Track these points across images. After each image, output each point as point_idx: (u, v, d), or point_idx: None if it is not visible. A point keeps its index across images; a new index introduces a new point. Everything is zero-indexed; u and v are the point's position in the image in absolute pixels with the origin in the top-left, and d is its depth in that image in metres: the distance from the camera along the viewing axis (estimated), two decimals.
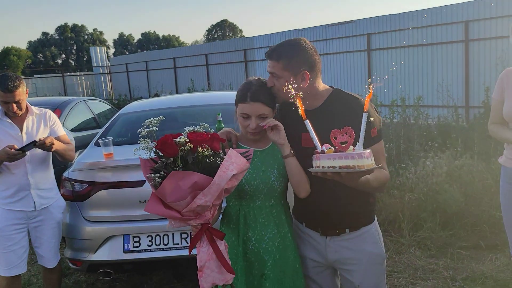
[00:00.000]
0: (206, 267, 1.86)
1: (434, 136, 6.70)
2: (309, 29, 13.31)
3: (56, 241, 3.27)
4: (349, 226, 2.09)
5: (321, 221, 2.11)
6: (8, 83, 2.90)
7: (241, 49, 15.98)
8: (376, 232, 2.16)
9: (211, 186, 1.74)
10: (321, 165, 1.72)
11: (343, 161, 1.65)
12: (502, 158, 2.81)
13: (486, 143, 5.46)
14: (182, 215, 1.81)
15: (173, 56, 19.60)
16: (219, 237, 1.89)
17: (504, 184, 2.80)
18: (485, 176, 4.51)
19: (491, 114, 2.83)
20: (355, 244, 2.10)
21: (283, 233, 2.10)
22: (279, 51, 1.98)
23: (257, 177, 2.05)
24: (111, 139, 3.50)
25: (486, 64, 9.21)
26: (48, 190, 3.21)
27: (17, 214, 3.08)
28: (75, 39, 75.58)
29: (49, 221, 3.19)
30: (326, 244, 2.12)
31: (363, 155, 1.64)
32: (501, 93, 2.72)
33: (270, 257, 2.05)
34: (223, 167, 1.75)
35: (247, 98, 1.99)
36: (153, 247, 3.33)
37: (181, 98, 5.62)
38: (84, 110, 7.19)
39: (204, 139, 1.80)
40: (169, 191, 1.75)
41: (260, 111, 1.98)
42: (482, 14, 9.25)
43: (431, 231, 4.16)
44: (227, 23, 77.69)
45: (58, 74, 24.05)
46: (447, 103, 8.37)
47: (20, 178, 3.05)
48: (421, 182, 4.62)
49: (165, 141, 1.79)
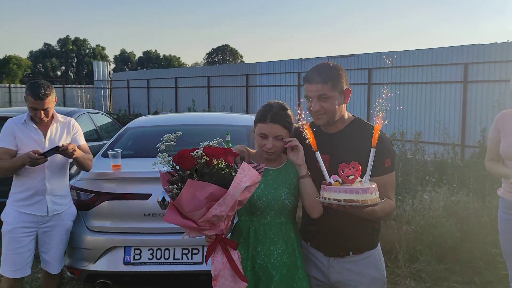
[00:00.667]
0: (220, 275, 1.92)
1: (430, 171, 6.82)
2: (312, 59, 13.59)
3: (63, 248, 3.29)
4: (353, 249, 2.16)
5: (326, 242, 2.18)
6: (39, 90, 2.96)
7: (244, 73, 16.22)
8: (379, 257, 2.23)
9: (226, 197, 1.83)
10: (327, 197, 1.83)
11: (348, 195, 1.77)
12: (500, 190, 3.07)
13: (482, 182, 5.58)
14: (198, 225, 1.88)
15: (175, 76, 19.83)
16: (232, 247, 1.96)
17: (501, 214, 3.04)
18: (480, 213, 4.60)
19: (488, 152, 3.12)
20: (358, 267, 2.16)
21: (291, 250, 2.16)
22: (323, 74, 2.07)
23: (269, 194, 2.13)
24: (120, 151, 3.55)
25: (483, 105, 9.44)
26: (63, 197, 3.26)
27: (29, 217, 3.11)
28: (76, 52, 76.08)
29: (59, 228, 3.22)
30: (330, 264, 2.19)
31: (368, 190, 1.76)
32: (497, 134, 3.02)
33: (278, 272, 2.11)
34: (237, 179, 1.85)
35: (267, 119, 2.10)
36: (153, 260, 3.34)
37: (188, 117, 5.71)
38: (87, 122, 7.24)
39: (219, 153, 1.90)
40: (186, 201, 1.83)
41: (278, 132, 2.10)
42: (481, 57, 9.53)
43: (427, 264, 4.21)
44: (228, 47, 78.74)
45: (58, 85, 24.11)
46: (444, 141, 8.53)
47: (38, 182, 3.09)
48: (418, 215, 4.69)
49: (182, 155, 1.89)
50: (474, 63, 9.62)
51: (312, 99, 2.07)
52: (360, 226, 2.12)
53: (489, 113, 9.16)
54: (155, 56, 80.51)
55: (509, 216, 2.97)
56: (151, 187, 3.34)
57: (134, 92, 22.09)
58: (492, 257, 4.01)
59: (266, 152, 2.13)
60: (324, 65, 2.10)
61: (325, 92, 2.05)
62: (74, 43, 76.51)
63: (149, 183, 3.36)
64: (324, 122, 2.12)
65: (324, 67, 2.09)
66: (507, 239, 3.02)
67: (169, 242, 3.35)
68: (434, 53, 10.42)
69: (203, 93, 18.03)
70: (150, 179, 3.39)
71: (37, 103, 2.98)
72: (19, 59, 61.95)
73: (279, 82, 14.71)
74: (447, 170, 6.54)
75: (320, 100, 2.06)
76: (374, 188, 1.78)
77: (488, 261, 4.10)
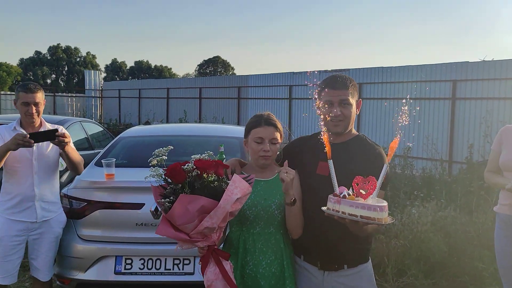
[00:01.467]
0: (213, 286, 1.95)
1: (418, 186, 6.90)
2: (304, 73, 13.72)
3: (52, 256, 3.29)
4: (348, 263, 2.17)
5: (321, 255, 2.19)
6: (30, 85, 3.12)
7: (236, 85, 16.31)
8: (371, 271, 2.26)
9: (217, 209, 1.87)
10: (341, 210, 1.75)
11: (365, 212, 1.69)
12: (496, 206, 3.09)
13: (469, 198, 5.67)
14: (190, 237, 1.92)
15: (167, 86, 19.87)
16: (224, 258, 2.00)
17: (498, 231, 3.05)
18: (468, 228, 4.67)
19: (488, 163, 3.16)
20: (352, 280, 2.18)
21: (280, 260, 2.19)
22: (346, 81, 2.15)
23: (258, 204, 2.17)
24: (114, 160, 3.58)
25: (471, 122, 9.60)
26: (52, 203, 3.27)
27: (19, 225, 3.12)
28: (67, 61, 75.80)
29: (48, 235, 3.23)
30: (324, 279, 2.19)
31: (384, 208, 1.70)
32: (499, 146, 3.06)
33: (266, 282, 2.15)
34: (228, 191, 1.89)
35: (261, 123, 2.21)
36: (144, 270, 3.35)
37: (181, 127, 5.75)
38: (79, 131, 7.23)
39: (210, 165, 1.95)
40: (178, 215, 1.87)
41: (273, 135, 2.19)
42: (469, 75, 9.73)
43: (415, 278, 4.25)
44: (220, 59, 79.04)
45: (49, 93, 23.97)
46: (432, 156, 8.64)
47: (26, 188, 3.11)
48: (406, 229, 4.75)
49: (174, 168, 1.93)
50: (463, 80, 9.81)
51: (334, 104, 2.11)
52: (355, 239, 2.11)
53: (477, 130, 9.32)
54: (147, 66, 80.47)
55: (506, 233, 2.98)
56: (144, 196, 3.36)
57: (125, 102, 22.06)
58: (479, 272, 4.07)
59: (263, 156, 2.18)
60: (342, 75, 2.18)
61: (347, 98, 2.12)
62: (65, 51, 76.26)
63: (142, 193, 3.38)
64: (341, 129, 2.15)
65: (343, 76, 2.17)
66: (504, 256, 3.02)
67: (161, 252, 3.37)
68: (424, 70, 10.60)
69: (194, 104, 18.07)
70: (143, 188, 3.41)
71: (29, 97, 3.07)
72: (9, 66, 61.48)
73: (271, 95, 14.82)
74: (435, 186, 6.63)
75: (340, 105, 2.11)
76: (386, 206, 1.74)
77: (475, 276, 4.16)
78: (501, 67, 9.21)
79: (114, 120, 20.46)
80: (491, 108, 9.11)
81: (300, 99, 13.72)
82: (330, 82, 2.14)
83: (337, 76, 2.17)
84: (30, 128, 3.16)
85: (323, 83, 2.18)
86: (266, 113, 2.27)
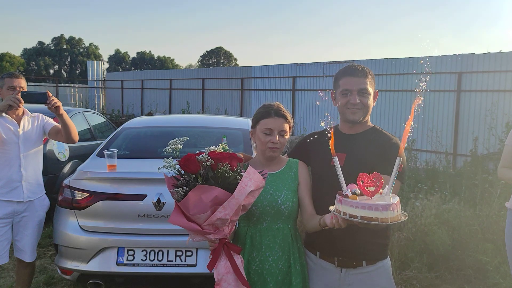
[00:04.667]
0: (223, 280, 1.92)
1: (422, 179, 6.87)
2: (307, 64, 13.64)
3: (36, 238, 3.47)
4: (366, 259, 2.08)
5: (339, 252, 2.10)
6: (13, 72, 3.44)
7: (239, 77, 16.25)
8: (390, 268, 2.16)
9: (231, 200, 1.84)
10: (342, 210, 1.62)
11: (366, 212, 1.53)
12: (508, 202, 3.00)
13: (473, 191, 5.63)
14: (202, 229, 1.89)
15: (169, 77, 19.80)
16: (236, 252, 1.96)
17: (510, 227, 2.96)
18: (471, 222, 4.64)
19: (502, 158, 3.06)
20: (370, 278, 2.08)
21: (287, 256, 2.13)
22: (364, 69, 2.10)
23: (264, 199, 2.11)
24: (116, 151, 3.55)
25: (476, 115, 9.52)
26: (36, 185, 3.44)
27: (6, 208, 3.28)
28: (70, 51, 75.74)
29: (32, 218, 3.40)
30: (340, 277, 2.11)
31: (389, 207, 1.52)
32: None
33: (272, 278, 2.10)
34: (242, 183, 1.86)
35: (271, 113, 2.15)
36: (147, 262, 3.34)
37: (184, 119, 5.71)
38: (81, 121, 7.21)
39: (224, 157, 1.90)
40: (192, 203, 1.84)
41: (282, 127, 2.14)
42: (475, 67, 9.63)
43: (418, 271, 4.23)
44: (222, 50, 78.78)
45: (51, 84, 23.93)
46: (437, 149, 8.59)
47: (14, 170, 3.29)
48: (410, 222, 4.72)
49: (188, 158, 1.90)
50: (468, 72, 9.72)
51: (352, 92, 2.07)
52: (375, 234, 2.03)
53: (482, 122, 9.25)
54: (149, 57, 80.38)
55: None
56: (146, 188, 3.34)
57: (128, 93, 22.01)
58: (483, 265, 4.04)
59: (271, 148, 2.13)
60: (359, 65, 2.13)
61: (366, 86, 2.07)
62: (68, 42, 76.15)
63: (145, 184, 3.36)
64: (359, 118, 2.10)
65: (361, 66, 2.12)
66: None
67: (163, 243, 3.35)
68: (429, 61, 10.50)
69: (197, 95, 18.02)
70: (146, 179, 3.39)
71: (14, 81, 3.31)
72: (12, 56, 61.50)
73: (274, 86, 14.75)
74: (439, 178, 6.60)
75: (359, 94, 2.07)
76: (396, 204, 1.56)
77: (479, 270, 4.14)
78: (507, 59, 9.11)
79: (117, 111, 20.45)
80: (496, 100, 9.04)
81: (304, 90, 13.65)
82: (349, 70, 2.10)
83: (356, 65, 2.12)
84: (13, 115, 3.33)
85: (341, 72, 2.14)
86: (276, 104, 2.20)
